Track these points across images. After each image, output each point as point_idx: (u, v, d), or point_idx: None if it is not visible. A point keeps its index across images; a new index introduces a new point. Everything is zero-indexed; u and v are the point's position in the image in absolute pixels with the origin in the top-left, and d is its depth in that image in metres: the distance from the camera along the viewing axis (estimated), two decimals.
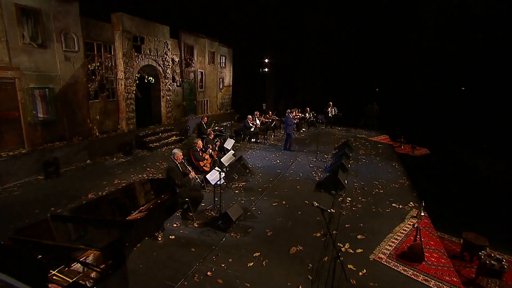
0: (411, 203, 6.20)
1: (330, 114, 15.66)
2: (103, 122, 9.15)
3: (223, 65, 17.10)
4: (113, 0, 9.33)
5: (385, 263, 4.07)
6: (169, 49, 11.32)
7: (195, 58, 13.81)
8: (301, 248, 4.39)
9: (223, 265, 3.93)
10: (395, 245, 4.57)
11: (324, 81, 18.74)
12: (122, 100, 9.53)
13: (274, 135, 13.54)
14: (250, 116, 11.89)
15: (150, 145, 9.97)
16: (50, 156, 7.17)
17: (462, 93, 16.62)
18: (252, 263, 3.99)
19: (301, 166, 8.71)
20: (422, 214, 5.55)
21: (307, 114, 15.27)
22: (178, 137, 11.36)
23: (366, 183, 7.38)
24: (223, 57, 17.00)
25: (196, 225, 5.00)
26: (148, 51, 10.22)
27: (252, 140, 11.87)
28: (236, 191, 6.57)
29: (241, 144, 11.51)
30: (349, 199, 6.33)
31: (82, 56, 8.13)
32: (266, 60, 19.14)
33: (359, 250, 4.36)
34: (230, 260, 4.06)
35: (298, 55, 19.11)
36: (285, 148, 10.64)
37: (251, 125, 11.75)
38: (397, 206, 6.05)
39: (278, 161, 9.13)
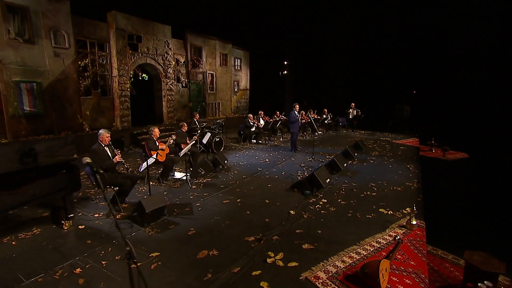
0: (407, 209, 4.62)
1: (351, 116, 13.95)
2: (96, 118, 9.26)
3: (238, 68, 16.74)
4: (114, 1, 9.57)
5: (319, 285, 2.80)
6: (170, 49, 11.28)
7: (204, 59, 13.65)
8: (215, 253, 3.34)
9: (103, 263, 3.12)
10: (352, 262, 3.21)
11: (348, 81, 17.01)
12: (117, 98, 9.59)
13: (283, 137, 12.45)
14: (251, 115, 11.05)
15: (143, 143, 9.75)
16: (31, 147, 7.28)
17: None
18: (138, 264, 3.08)
19: (290, 165, 7.52)
20: (414, 222, 3.99)
21: (324, 116, 13.82)
22: None
23: (359, 184, 5.89)
24: (238, 60, 16.66)
25: (119, 217, 4.29)
26: (146, 49, 10.26)
27: (253, 140, 10.97)
28: (194, 186, 5.74)
29: (240, 144, 10.70)
30: (325, 200, 5.00)
31: (73, 53, 8.37)
32: (285, 63, 18.26)
33: (293, 264, 3.13)
34: (117, 257, 3.22)
35: (319, 56, 17.82)
36: (291, 149, 9.42)
37: (251, 124, 10.89)
38: (386, 212, 4.54)
39: (267, 160, 8.06)
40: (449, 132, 12.16)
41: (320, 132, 13.76)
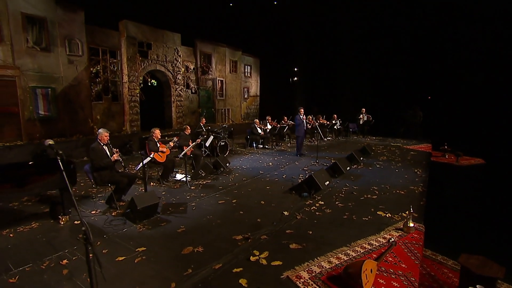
0: (407, 212, 4.40)
1: (361, 122, 13.67)
2: (107, 123, 9.61)
3: (248, 75, 16.93)
4: (128, 10, 9.99)
5: (300, 284, 2.70)
6: (180, 56, 11.61)
7: (214, 66, 13.93)
8: (200, 249, 3.32)
9: (90, 255, 3.18)
10: (339, 263, 3.09)
11: (359, 87, 16.73)
12: (126, 103, 9.93)
13: (290, 143, 12.34)
14: (257, 120, 11.08)
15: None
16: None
17: None
18: (123, 258, 3.14)
19: (293, 169, 7.42)
20: (411, 225, 3.81)
21: (333, 121, 13.62)
22: None
23: (360, 187, 5.72)
24: (248, 67, 16.87)
25: (114, 214, 4.39)
26: (155, 56, 10.63)
27: (260, 145, 10.96)
28: (193, 187, 5.79)
29: (247, 149, 10.71)
30: (321, 202, 4.89)
31: (86, 60, 8.80)
32: (295, 69, 18.28)
33: (276, 263, 3.05)
34: (104, 251, 3.29)
35: (330, 61, 17.69)
36: (297, 153, 9.35)
37: (258, 129, 10.90)
38: (384, 215, 4.36)
39: (270, 164, 8.01)
40: (466, 138, 11.60)
41: (329, 138, 13.55)
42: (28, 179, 3.83)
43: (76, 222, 4.12)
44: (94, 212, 4.49)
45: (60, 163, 1.65)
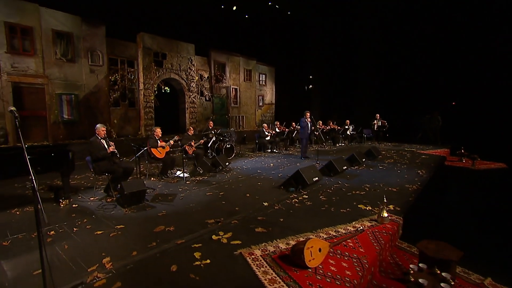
0: (390, 206, 4.31)
1: (375, 127, 13.30)
2: (123, 127, 10.41)
3: (263, 83, 17.31)
4: (145, 23, 10.94)
5: (249, 260, 2.81)
6: (193, 65, 12.32)
7: (228, 75, 14.51)
8: (171, 229, 3.56)
9: (75, 229, 3.58)
10: None
11: (376, 93, 16.33)
12: (142, 108, 10.71)
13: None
14: (266, 125, 11.29)
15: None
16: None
17: None
18: (101, 232, 3.48)
19: (292, 169, 7.35)
20: (385, 215, 3.73)
21: (345, 127, 13.41)
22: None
23: (352, 185, 5.64)
24: (263, 75, 17.28)
25: (109, 200, 4.81)
26: (170, 65, 11.40)
27: (268, 150, 11.11)
28: (188, 182, 6.10)
29: (255, 153, 10.91)
30: (306, 196, 4.92)
31: (106, 69, 9.73)
32: (311, 77, 18.37)
33: (235, 242, 3.19)
34: (88, 226, 3.68)
35: (345, 68, 17.55)
36: (301, 156, 9.43)
37: (266, 134, 11.10)
38: (364, 208, 4.31)
39: (271, 165, 8.13)
40: (490, 143, 10.79)
41: (342, 144, 13.32)
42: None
43: (74, 205, 4.58)
44: (92, 198, 4.95)
45: (16, 122, 2.00)
